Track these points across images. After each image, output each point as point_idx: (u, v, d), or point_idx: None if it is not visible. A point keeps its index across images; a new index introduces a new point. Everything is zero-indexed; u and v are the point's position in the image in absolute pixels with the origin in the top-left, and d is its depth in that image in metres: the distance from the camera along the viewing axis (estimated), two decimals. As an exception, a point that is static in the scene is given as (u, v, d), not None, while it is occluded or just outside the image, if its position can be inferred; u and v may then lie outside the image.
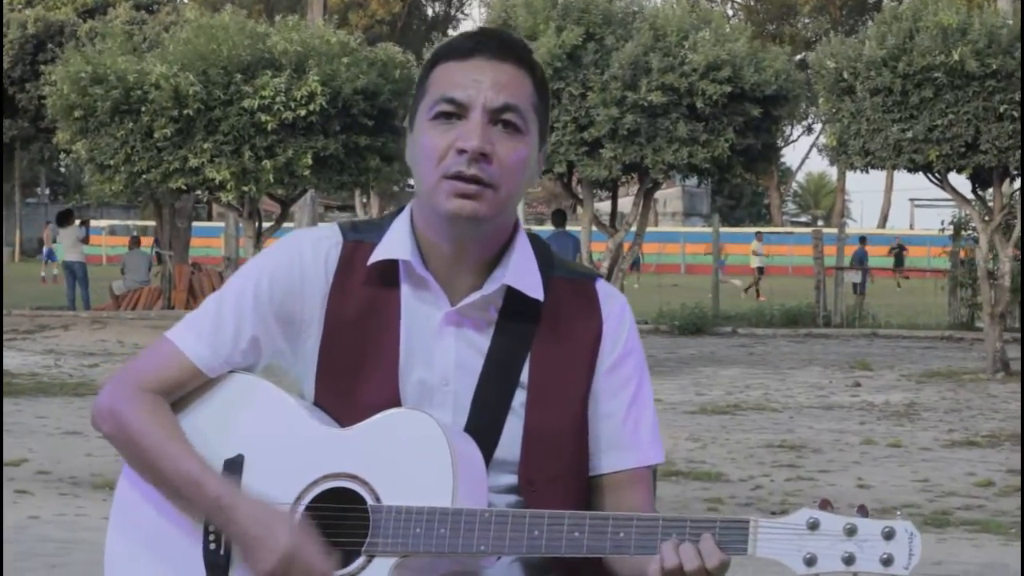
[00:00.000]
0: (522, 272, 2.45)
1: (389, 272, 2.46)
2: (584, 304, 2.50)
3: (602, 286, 2.53)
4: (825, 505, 2.23)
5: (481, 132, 2.35)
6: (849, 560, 2.19)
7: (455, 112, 2.37)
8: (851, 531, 2.19)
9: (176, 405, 2.48)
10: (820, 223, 70.56)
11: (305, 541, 2.31)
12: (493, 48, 2.41)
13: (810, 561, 2.20)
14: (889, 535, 2.19)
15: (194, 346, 2.47)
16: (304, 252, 2.49)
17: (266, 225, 19.64)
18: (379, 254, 2.45)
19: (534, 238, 2.53)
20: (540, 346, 2.46)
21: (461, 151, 2.34)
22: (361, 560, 2.32)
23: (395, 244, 2.45)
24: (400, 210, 2.51)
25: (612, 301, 2.52)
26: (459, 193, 2.35)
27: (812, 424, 12.69)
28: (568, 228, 20.19)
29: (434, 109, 2.39)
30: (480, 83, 2.38)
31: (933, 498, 9.07)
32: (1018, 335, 20.07)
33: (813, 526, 2.20)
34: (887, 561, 2.18)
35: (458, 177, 2.35)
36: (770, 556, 2.21)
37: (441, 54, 2.44)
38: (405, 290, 2.46)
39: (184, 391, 2.48)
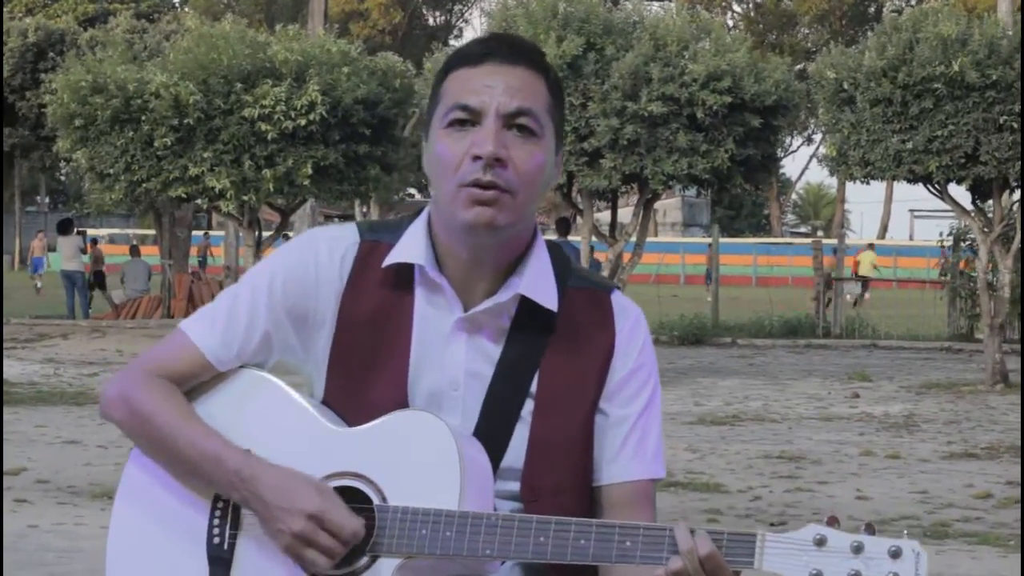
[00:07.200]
0: (537, 281, 2.43)
1: (404, 275, 2.45)
2: (598, 316, 2.48)
3: (617, 298, 2.51)
4: (832, 522, 2.23)
5: (495, 137, 2.33)
6: None
7: (469, 119, 2.36)
8: (858, 549, 2.19)
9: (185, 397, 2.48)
10: (820, 234, 70.58)
11: (332, 502, 2.31)
12: (504, 52, 2.40)
13: None
14: (896, 554, 2.18)
15: (206, 338, 2.47)
16: (320, 251, 2.48)
17: (266, 234, 19.65)
18: (394, 257, 2.44)
19: (553, 247, 2.51)
20: (551, 357, 2.44)
21: (476, 158, 2.33)
22: (365, 560, 2.32)
23: (411, 247, 2.44)
24: (418, 212, 2.50)
25: (626, 314, 2.50)
26: (476, 200, 2.33)
27: (811, 435, 12.68)
28: (569, 238, 20.18)
29: (448, 117, 2.37)
30: (492, 88, 2.36)
31: (932, 510, 9.06)
32: (1017, 346, 20.06)
33: (820, 542, 2.20)
34: None
35: (475, 184, 2.32)
36: (776, 571, 2.21)
37: (453, 62, 2.43)
38: (419, 294, 2.45)
39: (194, 382, 2.48)
